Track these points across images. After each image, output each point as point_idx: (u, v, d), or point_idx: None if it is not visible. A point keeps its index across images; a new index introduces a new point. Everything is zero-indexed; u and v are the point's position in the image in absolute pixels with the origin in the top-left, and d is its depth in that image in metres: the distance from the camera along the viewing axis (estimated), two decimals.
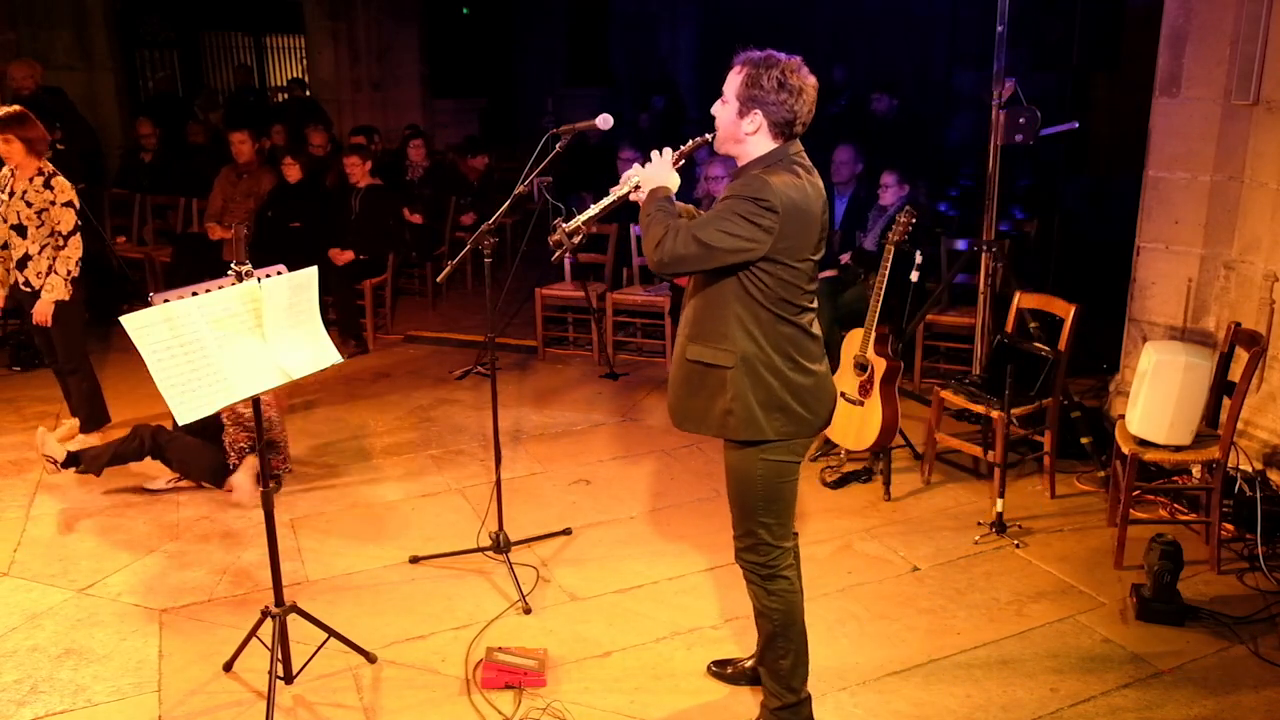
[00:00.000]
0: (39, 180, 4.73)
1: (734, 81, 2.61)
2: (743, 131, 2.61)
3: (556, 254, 2.95)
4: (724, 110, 2.64)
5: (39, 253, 4.79)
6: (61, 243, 4.78)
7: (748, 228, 2.51)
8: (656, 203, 2.68)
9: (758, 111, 2.57)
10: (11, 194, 4.75)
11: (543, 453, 5.10)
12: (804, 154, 2.67)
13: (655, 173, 2.76)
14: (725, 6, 13.08)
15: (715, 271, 2.61)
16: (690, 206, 2.89)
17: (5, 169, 4.79)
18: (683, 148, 2.82)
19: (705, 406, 2.70)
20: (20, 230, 4.77)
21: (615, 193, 2.84)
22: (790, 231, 2.54)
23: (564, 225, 2.87)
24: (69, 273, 4.80)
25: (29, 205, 4.73)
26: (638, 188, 2.78)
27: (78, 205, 4.82)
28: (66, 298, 4.81)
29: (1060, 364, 4.40)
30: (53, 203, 4.74)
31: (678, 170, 2.80)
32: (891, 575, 3.87)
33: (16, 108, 4.76)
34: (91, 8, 9.48)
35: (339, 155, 7.82)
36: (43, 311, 4.81)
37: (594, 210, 2.88)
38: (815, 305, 2.73)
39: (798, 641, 2.84)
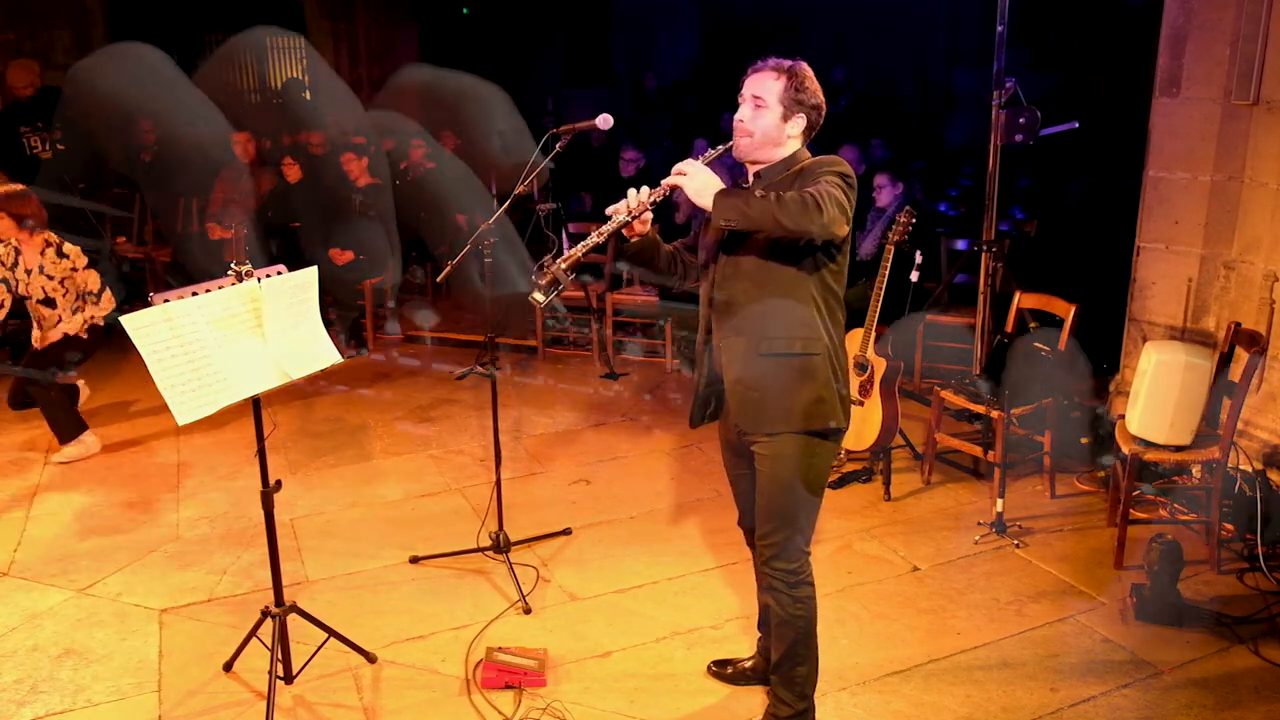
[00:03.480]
0: (50, 252, 4.88)
1: (774, 87, 2.59)
2: (785, 135, 2.63)
3: (548, 298, 2.57)
4: (763, 115, 2.60)
5: (72, 315, 4.97)
6: (96, 299, 4.99)
7: (848, 198, 2.47)
8: (739, 195, 2.47)
9: (802, 116, 2.62)
10: (29, 271, 4.88)
11: (543, 453, 5.10)
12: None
13: (705, 178, 2.52)
14: (725, 7, 13.08)
15: (789, 260, 2.55)
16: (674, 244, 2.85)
17: (2, 247, 4.88)
18: (708, 153, 2.69)
19: (789, 402, 2.61)
20: (49, 303, 4.93)
21: (616, 218, 2.63)
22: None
23: (557, 263, 2.54)
24: (91, 317, 4.99)
25: (50, 278, 4.89)
26: (643, 218, 2.66)
27: (94, 263, 5.03)
28: (78, 332, 4.98)
29: (1060, 364, 4.40)
30: (74, 269, 4.92)
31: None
32: (891, 575, 3.87)
33: (11, 186, 4.87)
34: (91, 8, 9.48)
35: (338, 155, 7.81)
36: (50, 339, 4.97)
37: (593, 239, 2.60)
38: None
39: (814, 648, 2.85)
